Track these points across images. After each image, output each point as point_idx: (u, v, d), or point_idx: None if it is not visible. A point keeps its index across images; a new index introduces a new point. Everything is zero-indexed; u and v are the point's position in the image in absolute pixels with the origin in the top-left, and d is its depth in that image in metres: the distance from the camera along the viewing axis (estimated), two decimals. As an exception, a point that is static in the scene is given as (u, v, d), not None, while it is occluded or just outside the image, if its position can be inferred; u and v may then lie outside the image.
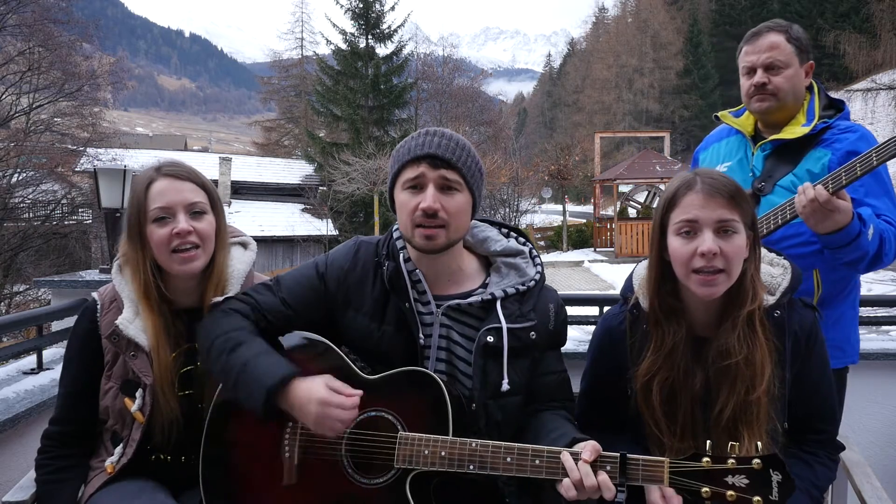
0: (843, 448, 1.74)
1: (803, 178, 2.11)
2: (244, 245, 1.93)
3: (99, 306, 1.78)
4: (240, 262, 1.86)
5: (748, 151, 2.29)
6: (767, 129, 2.28)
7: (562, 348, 1.82)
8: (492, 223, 1.86)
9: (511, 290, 1.70)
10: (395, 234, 1.75)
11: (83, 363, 1.77)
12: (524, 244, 1.82)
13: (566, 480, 1.42)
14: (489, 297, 1.68)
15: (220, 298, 1.74)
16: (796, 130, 2.19)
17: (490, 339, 1.64)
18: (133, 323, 1.71)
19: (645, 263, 1.71)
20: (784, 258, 1.71)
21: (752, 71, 2.22)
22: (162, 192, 1.71)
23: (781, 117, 2.24)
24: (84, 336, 1.77)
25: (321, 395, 1.51)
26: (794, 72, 2.19)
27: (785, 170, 2.18)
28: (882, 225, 2.02)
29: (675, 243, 1.57)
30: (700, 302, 1.60)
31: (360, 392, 1.56)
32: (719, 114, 2.43)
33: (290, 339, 1.73)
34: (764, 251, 1.69)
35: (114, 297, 1.78)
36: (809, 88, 2.28)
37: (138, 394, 1.70)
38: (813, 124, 2.18)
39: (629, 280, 1.77)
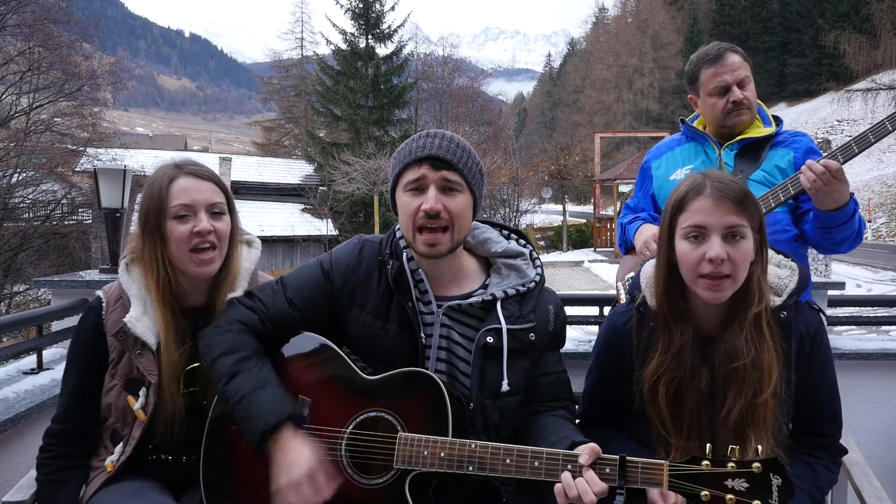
0: (845, 452, 1.74)
1: (773, 173, 2.34)
2: (249, 243, 1.93)
3: (104, 304, 1.78)
4: (246, 261, 1.87)
5: (710, 153, 2.46)
6: (723, 137, 2.46)
7: (561, 349, 1.82)
8: (492, 224, 1.86)
9: (511, 291, 1.70)
10: (398, 234, 1.75)
11: (87, 361, 1.76)
12: (524, 246, 1.82)
13: (558, 486, 1.42)
14: (489, 297, 1.69)
15: (233, 295, 1.75)
16: (761, 130, 2.42)
17: (490, 339, 1.64)
18: (140, 321, 1.71)
19: (652, 262, 1.71)
20: (792, 260, 1.71)
21: (725, 90, 2.35)
22: (185, 189, 1.73)
23: (744, 126, 2.44)
24: (89, 333, 1.77)
25: (301, 473, 1.49)
26: (754, 85, 2.41)
27: (752, 166, 2.37)
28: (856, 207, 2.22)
29: (682, 247, 1.56)
30: (706, 304, 1.60)
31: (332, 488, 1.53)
32: (685, 119, 2.60)
33: (291, 339, 1.72)
34: (771, 253, 1.69)
35: (119, 295, 1.78)
36: None
37: (142, 392, 1.70)
38: (774, 126, 2.43)
39: (636, 278, 1.76)
